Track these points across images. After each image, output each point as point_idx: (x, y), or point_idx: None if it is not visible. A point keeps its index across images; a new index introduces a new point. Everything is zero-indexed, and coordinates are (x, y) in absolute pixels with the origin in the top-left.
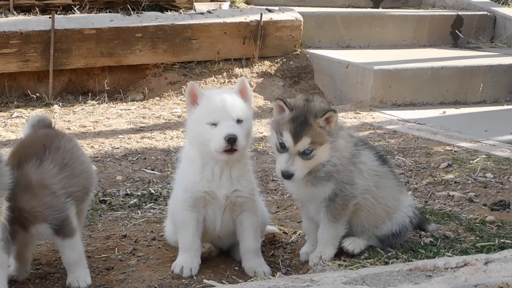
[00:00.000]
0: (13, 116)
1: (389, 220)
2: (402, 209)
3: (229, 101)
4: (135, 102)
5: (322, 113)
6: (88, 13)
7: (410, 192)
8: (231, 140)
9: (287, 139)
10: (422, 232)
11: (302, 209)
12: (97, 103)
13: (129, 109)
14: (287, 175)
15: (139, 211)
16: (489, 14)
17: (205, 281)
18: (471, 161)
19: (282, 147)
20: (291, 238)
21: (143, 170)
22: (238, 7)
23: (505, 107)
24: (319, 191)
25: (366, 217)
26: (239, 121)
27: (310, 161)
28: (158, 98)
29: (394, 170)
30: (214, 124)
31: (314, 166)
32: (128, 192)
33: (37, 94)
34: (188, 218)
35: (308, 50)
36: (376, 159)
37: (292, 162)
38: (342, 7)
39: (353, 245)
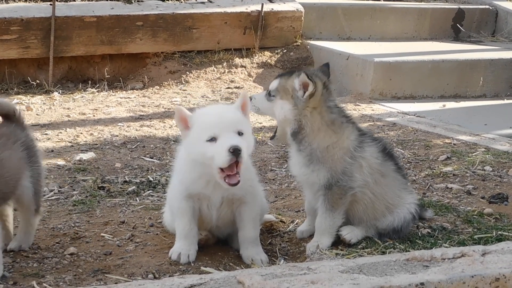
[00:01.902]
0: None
1: (390, 215)
2: (405, 205)
3: (226, 113)
4: (134, 90)
5: (302, 73)
6: (89, 0)
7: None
8: (236, 152)
9: None
10: (420, 223)
11: (304, 192)
12: (97, 91)
13: (128, 98)
14: (250, 98)
15: (137, 198)
16: (491, 8)
17: (202, 268)
18: (470, 154)
19: None
20: (288, 227)
21: (142, 158)
22: None
23: (505, 101)
24: (312, 175)
25: (364, 210)
26: (240, 133)
27: (268, 103)
28: (158, 87)
29: (401, 166)
30: (214, 139)
31: (271, 115)
32: (127, 179)
33: (37, 81)
34: (184, 207)
35: (309, 41)
36: (381, 156)
37: (260, 93)
38: None
39: (351, 235)
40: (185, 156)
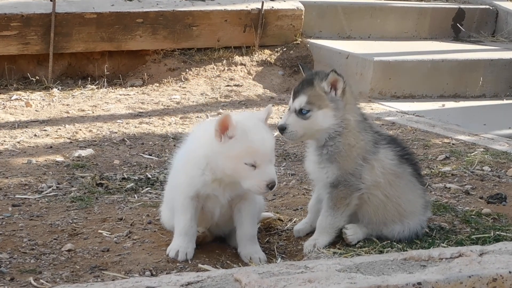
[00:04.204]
0: (12, 98)
1: (400, 223)
2: (415, 221)
3: (269, 142)
4: (134, 87)
5: (326, 76)
6: None
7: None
8: (272, 187)
9: (291, 97)
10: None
11: (314, 188)
12: (96, 88)
13: (128, 95)
14: (280, 128)
15: (135, 195)
16: (491, 8)
17: (199, 265)
18: (468, 154)
19: (289, 108)
20: (286, 225)
21: (141, 155)
22: None
23: (505, 101)
24: (322, 171)
25: (374, 211)
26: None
27: (306, 121)
28: (157, 84)
29: (419, 172)
30: (254, 166)
31: (313, 131)
32: (125, 176)
33: (37, 77)
34: (188, 204)
35: (309, 40)
36: (396, 158)
37: (287, 117)
38: None
39: (353, 237)
40: (198, 158)
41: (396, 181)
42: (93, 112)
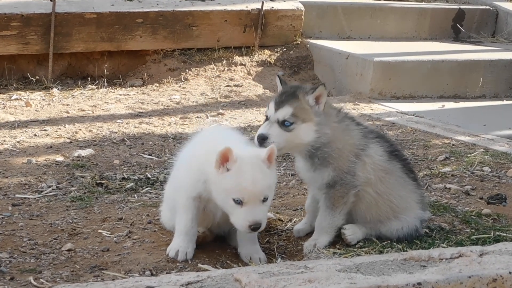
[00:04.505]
0: (12, 98)
1: (396, 219)
2: (412, 217)
3: (260, 182)
4: (134, 87)
5: (313, 89)
6: None
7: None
8: (255, 229)
9: (271, 107)
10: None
11: (308, 189)
12: (96, 88)
13: (128, 95)
14: (261, 137)
15: (135, 195)
16: (491, 8)
17: (199, 265)
18: (468, 155)
19: (265, 120)
20: (286, 225)
21: (141, 155)
22: None
23: (505, 102)
24: (317, 176)
25: (367, 209)
26: (265, 199)
27: (289, 134)
28: (157, 84)
29: (410, 167)
30: (241, 202)
31: (294, 144)
32: (125, 176)
33: (37, 77)
34: (190, 205)
35: (309, 40)
36: (386, 154)
37: (269, 127)
38: None
39: (352, 237)
40: (200, 166)
41: (386, 177)
42: (93, 112)
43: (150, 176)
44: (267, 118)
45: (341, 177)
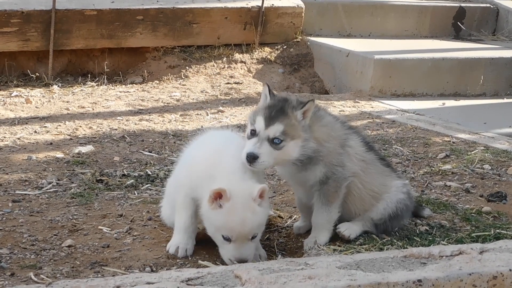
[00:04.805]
0: (12, 95)
1: (379, 202)
2: (392, 189)
3: (249, 222)
4: (134, 84)
5: (302, 105)
6: None
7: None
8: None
9: (259, 123)
10: (418, 220)
11: (294, 191)
12: (96, 85)
13: (128, 92)
14: (251, 156)
15: (135, 192)
16: (492, 6)
17: (199, 261)
18: (469, 153)
19: (252, 134)
20: (286, 222)
21: (141, 152)
22: None
23: (505, 100)
24: (309, 175)
25: (352, 201)
26: (253, 236)
27: (278, 152)
28: (158, 82)
29: (382, 156)
30: (229, 240)
31: (281, 160)
32: (125, 172)
33: (37, 74)
34: (189, 201)
35: (309, 37)
36: (363, 145)
37: (260, 145)
38: None
39: (349, 231)
40: (199, 173)
41: (367, 167)
42: (93, 109)
43: (150, 173)
44: (254, 133)
45: (332, 171)
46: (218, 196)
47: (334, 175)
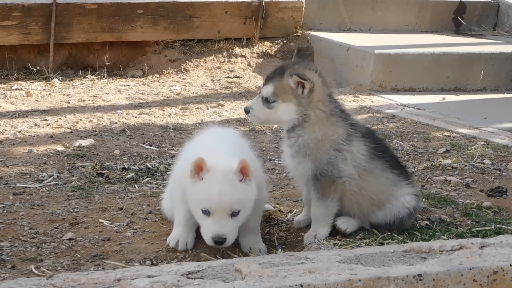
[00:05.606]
0: (12, 88)
1: (379, 210)
2: (397, 204)
3: (228, 194)
4: (134, 78)
5: (293, 75)
6: None
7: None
8: (219, 243)
9: (263, 81)
10: (418, 215)
11: (297, 184)
12: (97, 78)
13: (128, 85)
14: (245, 109)
15: (136, 185)
16: (492, 1)
17: (201, 254)
18: (469, 147)
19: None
20: (286, 216)
21: (141, 145)
22: None
23: (505, 95)
24: (299, 167)
25: (349, 204)
26: (234, 213)
27: (269, 110)
28: (158, 75)
29: (396, 163)
30: (208, 213)
31: (274, 120)
32: (126, 166)
33: (37, 67)
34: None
35: (309, 32)
36: (368, 153)
37: (254, 101)
38: None
39: (346, 224)
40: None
41: (365, 175)
42: (93, 103)
43: (150, 167)
44: (260, 92)
45: (321, 170)
46: (198, 168)
47: (323, 173)
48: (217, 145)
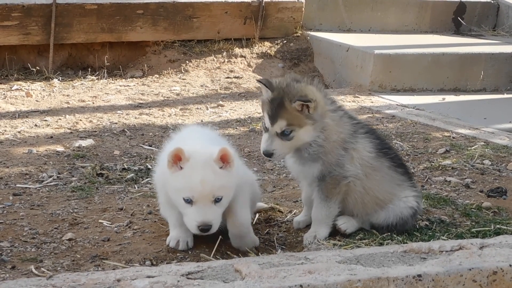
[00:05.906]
0: (12, 88)
1: (382, 211)
2: (401, 199)
3: (210, 181)
4: (134, 78)
5: (295, 101)
6: None
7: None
8: (205, 230)
9: (266, 120)
10: (418, 216)
11: (300, 184)
12: (97, 79)
13: (128, 86)
14: (267, 154)
15: (135, 186)
16: (492, 2)
17: (201, 254)
18: (469, 148)
19: (264, 130)
20: (286, 217)
21: (141, 146)
22: None
23: (505, 95)
24: (307, 170)
25: (354, 204)
26: (217, 199)
27: (290, 142)
28: (157, 76)
29: (399, 163)
30: (190, 201)
31: (297, 146)
32: (125, 166)
33: (37, 68)
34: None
35: (309, 32)
36: (374, 150)
37: (271, 142)
38: None
39: (346, 225)
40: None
41: (372, 174)
42: (93, 103)
43: (150, 167)
44: (266, 129)
45: (329, 170)
46: (177, 158)
47: (331, 173)
48: (196, 139)
